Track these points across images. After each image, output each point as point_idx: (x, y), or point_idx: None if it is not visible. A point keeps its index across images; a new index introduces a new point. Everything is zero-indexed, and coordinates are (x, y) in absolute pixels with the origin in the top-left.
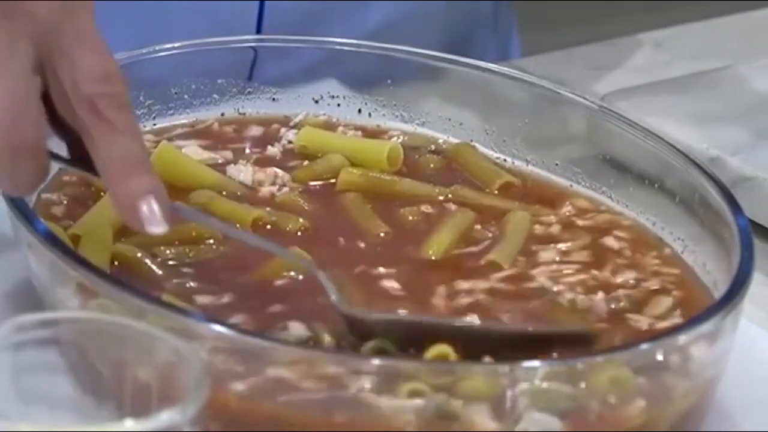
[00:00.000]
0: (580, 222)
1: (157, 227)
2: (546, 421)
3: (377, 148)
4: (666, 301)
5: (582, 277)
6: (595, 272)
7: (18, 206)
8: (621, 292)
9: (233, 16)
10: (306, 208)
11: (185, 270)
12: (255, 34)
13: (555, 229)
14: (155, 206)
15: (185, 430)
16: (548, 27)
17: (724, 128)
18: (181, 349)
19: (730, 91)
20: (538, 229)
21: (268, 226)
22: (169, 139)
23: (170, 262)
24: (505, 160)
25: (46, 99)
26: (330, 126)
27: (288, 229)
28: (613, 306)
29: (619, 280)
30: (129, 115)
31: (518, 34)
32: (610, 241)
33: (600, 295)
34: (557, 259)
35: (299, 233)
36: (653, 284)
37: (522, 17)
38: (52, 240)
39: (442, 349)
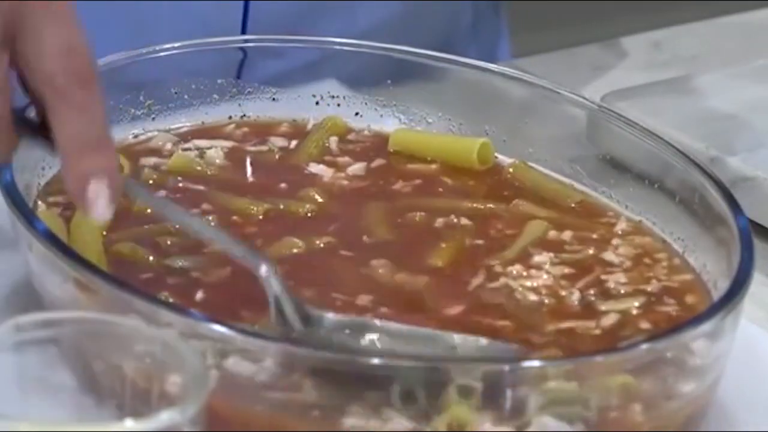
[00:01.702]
0: (615, 242)
1: (101, 214)
2: (555, 426)
3: (467, 146)
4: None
5: (559, 281)
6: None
7: (18, 206)
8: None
9: (217, 17)
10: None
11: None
12: (240, 35)
13: (566, 235)
14: (104, 190)
15: (185, 430)
16: (547, 27)
17: (724, 128)
18: (181, 349)
19: (730, 91)
20: (552, 235)
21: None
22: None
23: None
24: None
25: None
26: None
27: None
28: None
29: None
30: (91, 93)
31: (510, 41)
32: (609, 256)
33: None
34: (547, 264)
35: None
36: (647, 285)
37: (520, 17)
38: (51, 239)
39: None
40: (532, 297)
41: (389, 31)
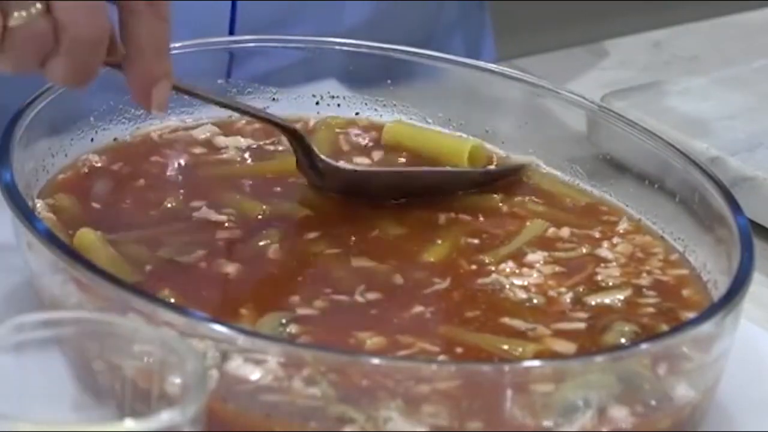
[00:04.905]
0: (616, 240)
1: (161, 111)
2: (551, 426)
3: (459, 146)
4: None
5: (549, 281)
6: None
7: (18, 206)
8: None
9: (205, 17)
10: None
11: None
12: (228, 35)
13: (564, 232)
14: (168, 90)
15: (185, 430)
16: (547, 27)
17: (724, 128)
18: (180, 349)
19: (730, 91)
20: (550, 233)
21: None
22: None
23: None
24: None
25: None
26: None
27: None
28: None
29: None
30: (169, 5)
31: (494, 35)
32: (604, 252)
33: (568, 294)
34: (540, 262)
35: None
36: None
37: (520, 17)
38: (52, 240)
39: None
40: (522, 294)
41: (374, 26)
